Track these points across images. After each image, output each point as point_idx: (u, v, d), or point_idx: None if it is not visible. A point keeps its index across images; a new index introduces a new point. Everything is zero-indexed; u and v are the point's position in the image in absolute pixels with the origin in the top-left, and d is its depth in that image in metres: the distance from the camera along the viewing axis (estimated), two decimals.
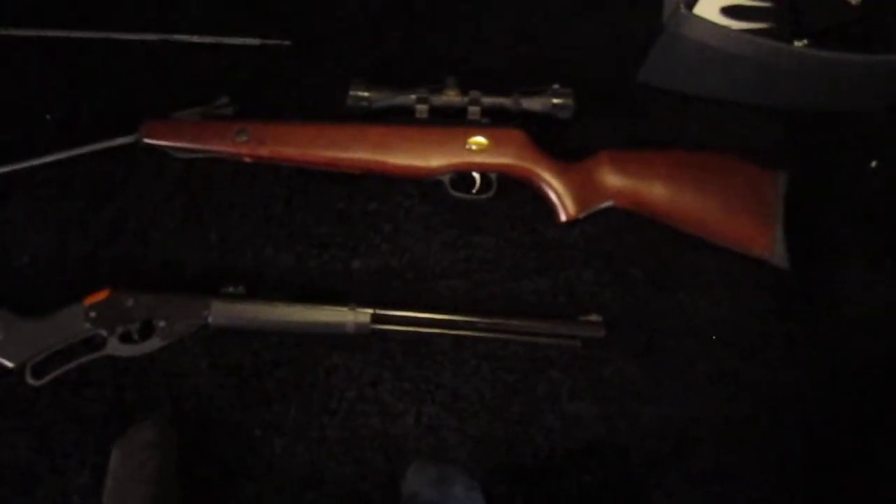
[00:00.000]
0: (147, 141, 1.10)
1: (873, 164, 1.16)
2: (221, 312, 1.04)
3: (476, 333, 1.07)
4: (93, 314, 1.04)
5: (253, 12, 1.24)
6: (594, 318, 1.08)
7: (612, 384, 1.09)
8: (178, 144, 1.11)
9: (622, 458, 1.08)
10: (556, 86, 1.11)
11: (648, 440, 1.08)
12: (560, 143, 1.12)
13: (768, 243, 1.08)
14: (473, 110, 1.11)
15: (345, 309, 1.05)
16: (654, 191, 1.10)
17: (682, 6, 1.07)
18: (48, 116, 1.17)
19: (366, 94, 1.10)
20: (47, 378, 1.04)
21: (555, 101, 1.10)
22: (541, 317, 1.09)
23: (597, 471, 1.07)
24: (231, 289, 1.06)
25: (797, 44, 1.11)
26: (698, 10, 1.09)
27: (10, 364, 1.03)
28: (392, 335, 1.08)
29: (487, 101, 1.11)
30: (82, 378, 1.07)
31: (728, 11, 1.14)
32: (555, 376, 1.09)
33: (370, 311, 1.05)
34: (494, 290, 1.12)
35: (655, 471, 1.07)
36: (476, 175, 1.12)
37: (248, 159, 1.11)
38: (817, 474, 1.08)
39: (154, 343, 1.05)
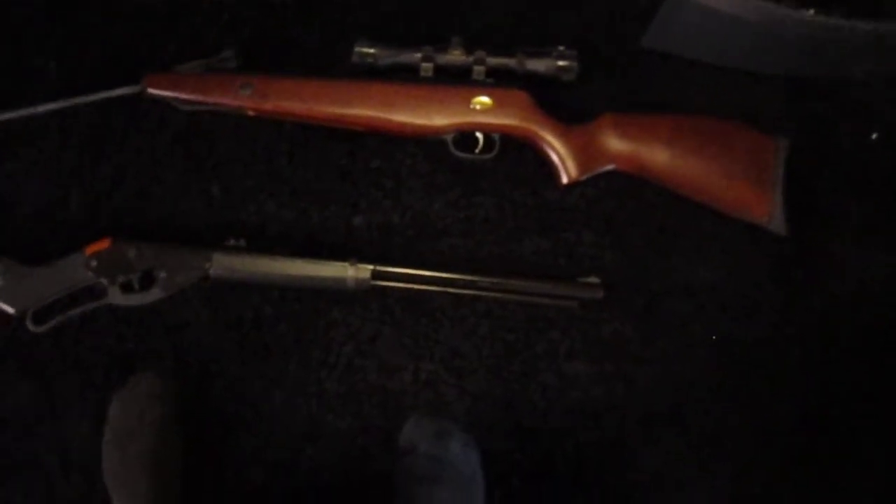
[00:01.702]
0: (150, 91, 1.10)
1: (874, 136, 1.16)
2: (222, 264, 1.05)
3: (475, 292, 1.08)
4: (94, 263, 1.04)
5: None
6: (593, 279, 1.08)
7: (609, 345, 1.11)
8: (182, 96, 1.10)
9: (618, 417, 1.09)
10: (560, 48, 1.11)
11: (644, 400, 1.09)
12: (563, 105, 1.12)
13: (767, 209, 1.09)
14: (478, 70, 1.10)
15: (345, 264, 1.05)
16: (656, 155, 1.10)
17: None
18: (51, 64, 1.16)
19: (371, 50, 1.10)
20: (48, 325, 1.04)
21: (559, 63, 1.10)
22: (540, 277, 1.10)
23: (593, 429, 1.09)
24: (232, 241, 1.07)
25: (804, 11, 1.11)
26: None
27: (10, 310, 1.03)
28: (392, 291, 1.09)
29: (492, 61, 1.10)
30: (83, 327, 1.08)
31: None
32: (553, 336, 1.10)
33: (370, 266, 1.06)
34: (495, 250, 1.13)
35: (651, 430, 1.09)
36: (479, 135, 1.12)
37: (251, 113, 1.11)
38: (810, 437, 1.10)
39: (155, 293, 1.05)
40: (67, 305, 1.05)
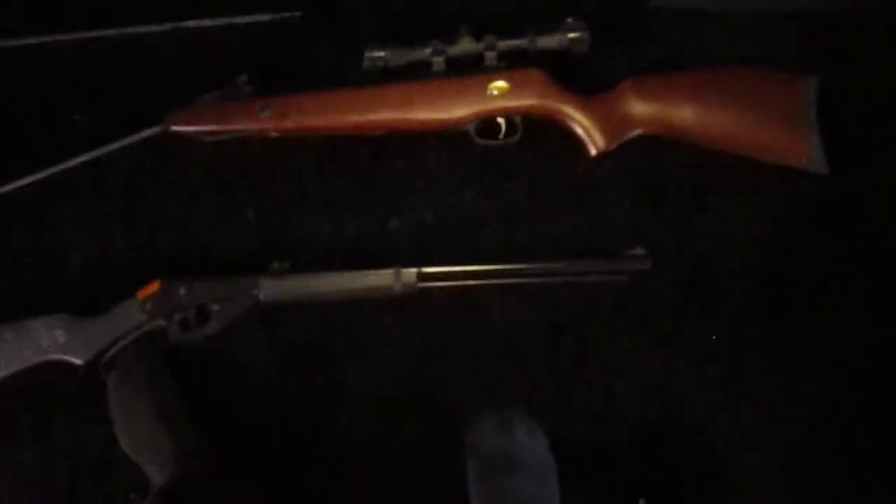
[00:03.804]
0: (174, 129, 1.12)
1: None
2: (271, 289, 1.07)
3: (522, 280, 1.08)
4: (148, 306, 1.07)
5: None
6: (639, 251, 1.07)
7: (663, 314, 1.10)
8: (204, 128, 1.12)
9: (680, 387, 1.08)
10: (568, 19, 1.10)
11: (703, 367, 1.08)
12: (581, 77, 1.11)
13: (805, 150, 1.07)
14: (490, 56, 1.10)
15: (390, 272, 1.06)
16: (683, 113, 1.09)
17: None
18: (76, 117, 1.19)
19: (381, 53, 1.10)
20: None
21: (570, 35, 1.09)
22: (585, 255, 1.09)
23: (655, 402, 1.08)
24: (277, 265, 1.08)
25: None
26: None
27: (79, 361, 1.07)
28: (440, 291, 1.09)
29: (503, 44, 1.10)
30: None
31: None
32: (605, 312, 1.10)
33: (415, 270, 1.06)
34: (534, 234, 1.12)
35: (713, 396, 1.07)
36: (500, 120, 1.12)
37: (274, 133, 1.12)
38: (861, 391, 1.08)
39: (212, 326, 1.08)
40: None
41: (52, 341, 1.06)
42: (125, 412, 1.03)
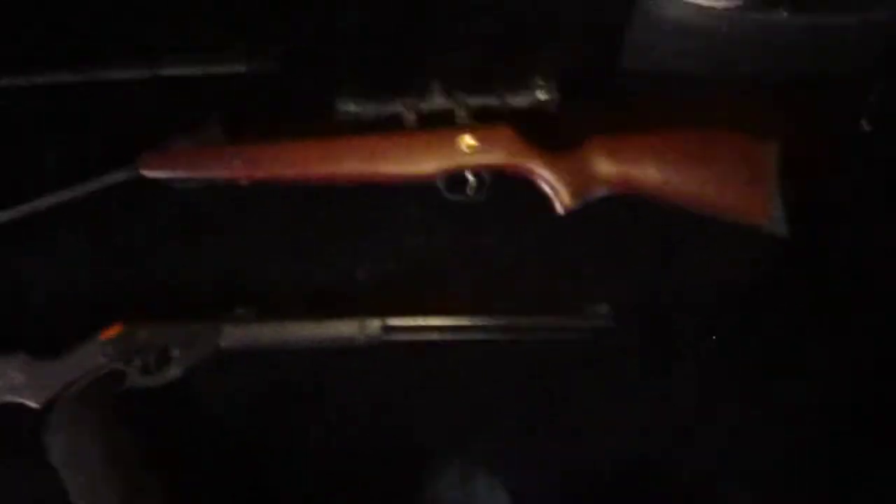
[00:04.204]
0: (144, 173, 1.12)
1: (864, 124, 1.16)
2: (233, 336, 1.07)
3: (486, 336, 1.08)
4: (109, 349, 1.06)
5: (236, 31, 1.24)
6: (602, 307, 1.08)
7: (626, 367, 1.11)
8: (175, 174, 1.12)
9: (658, 437, 1.10)
10: (538, 79, 1.11)
11: (677, 417, 1.11)
12: (549, 133, 1.12)
13: (765, 212, 1.08)
14: (460, 113, 1.11)
15: (354, 322, 1.06)
16: (647, 173, 1.10)
17: None
18: (48, 157, 1.19)
19: (353, 107, 1.11)
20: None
21: (539, 95, 1.11)
22: (549, 312, 1.09)
23: (624, 456, 1.09)
24: (241, 311, 1.08)
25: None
26: None
27: (34, 404, 1.05)
28: (404, 342, 1.09)
29: (473, 101, 1.11)
30: None
31: None
32: (571, 365, 1.11)
33: (379, 321, 1.07)
34: (500, 287, 1.13)
35: (692, 442, 1.10)
36: (469, 175, 1.13)
37: (244, 182, 1.13)
38: (823, 448, 1.11)
39: (172, 372, 1.07)
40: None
41: (8, 382, 1.05)
42: (72, 462, 1.02)
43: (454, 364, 1.11)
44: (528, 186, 1.13)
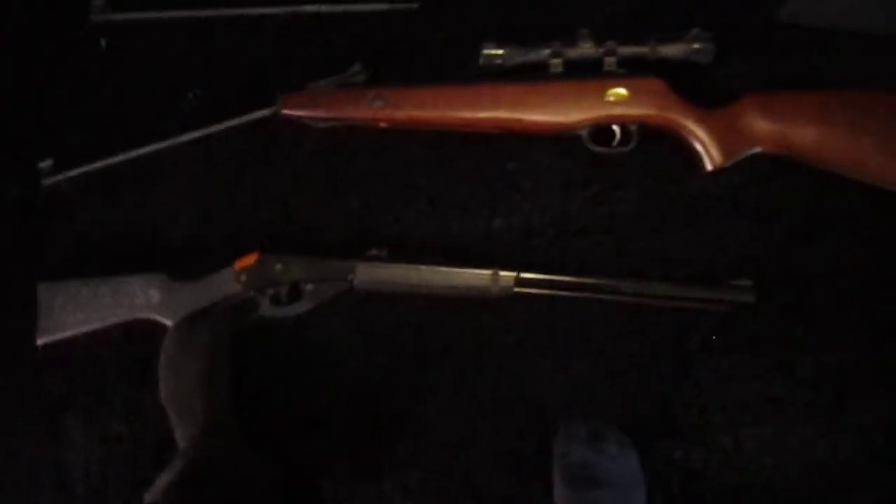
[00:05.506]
0: (285, 112, 1.12)
1: None
2: (366, 275, 1.06)
3: (621, 298, 1.05)
4: (243, 277, 1.07)
5: None
6: (744, 282, 1.03)
7: (764, 337, 1.05)
8: (315, 114, 1.12)
9: (778, 410, 1.04)
10: (694, 30, 1.07)
11: (805, 391, 1.04)
12: (701, 89, 1.08)
13: None
14: (609, 61, 1.08)
15: (488, 272, 1.04)
16: (805, 133, 1.05)
17: None
18: (190, 95, 1.20)
19: (499, 52, 1.09)
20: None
21: (694, 45, 1.06)
22: (688, 281, 1.05)
23: (751, 426, 1.04)
24: (374, 251, 1.07)
25: None
26: None
27: (168, 322, 1.07)
28: (536, 296, 1.07)
29: (623, 50, 1.07)
30: None
31: None
32: (706, 332, 1.06)
33: (513, 274, 1.04)
34: (639, 246, 1.09)
35: (813, 422, 1.03)
36: (615, 128, 1.09)
37: (384, 124, 1.12)
38: None
39: (303, 305, 1.07)
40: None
41: (146, 300, 1.07)
42: (174, 365, 1.03)
43: (585, 321, 1.08)
44: (674, 141, 1.08)
